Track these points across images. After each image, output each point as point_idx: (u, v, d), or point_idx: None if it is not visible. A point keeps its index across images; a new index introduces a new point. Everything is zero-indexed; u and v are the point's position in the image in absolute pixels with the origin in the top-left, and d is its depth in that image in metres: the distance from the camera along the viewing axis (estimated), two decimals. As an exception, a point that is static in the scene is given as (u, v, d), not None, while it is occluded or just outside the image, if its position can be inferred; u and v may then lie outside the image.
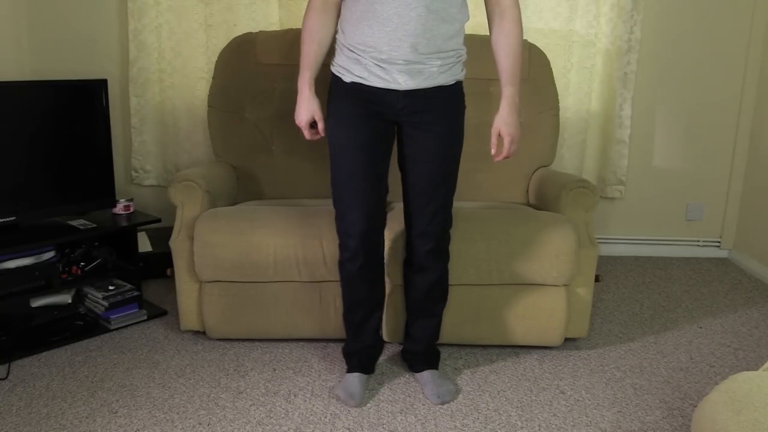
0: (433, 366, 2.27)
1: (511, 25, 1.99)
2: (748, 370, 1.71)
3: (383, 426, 2.02)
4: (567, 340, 2.55)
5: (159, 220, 2.83)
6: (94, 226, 2.66)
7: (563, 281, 2.34)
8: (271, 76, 2.80)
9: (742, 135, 3.49)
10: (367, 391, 2.20)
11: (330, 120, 2.03)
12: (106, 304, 2.62)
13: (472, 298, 2.38)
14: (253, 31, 2.93)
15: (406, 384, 2.26)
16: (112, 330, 2.62)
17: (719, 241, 3.65)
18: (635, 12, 3.24)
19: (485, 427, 2.03)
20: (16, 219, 2.51)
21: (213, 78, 2.82)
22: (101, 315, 2.65)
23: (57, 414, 2.05)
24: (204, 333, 2.58)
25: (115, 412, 2.07)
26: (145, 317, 2.71)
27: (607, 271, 3.41)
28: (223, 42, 3.14)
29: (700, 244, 3.66)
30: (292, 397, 2.17)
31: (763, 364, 2.02)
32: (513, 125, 2.01)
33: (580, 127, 3.38)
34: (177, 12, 3.16)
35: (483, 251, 2.31)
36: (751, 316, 2.89)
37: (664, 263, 3.55)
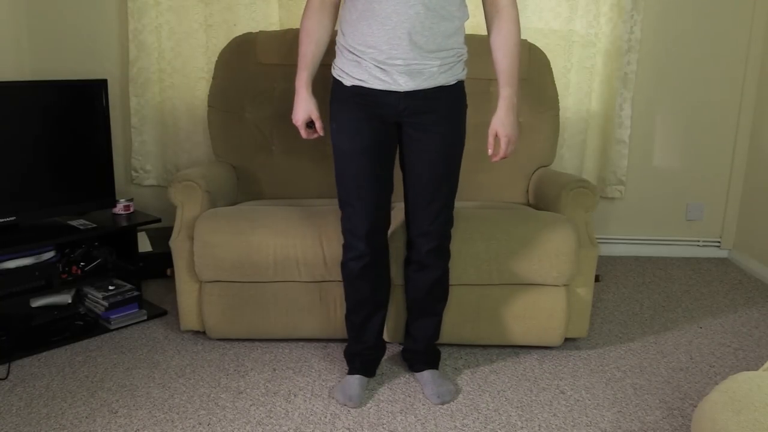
0: (434, 366, 2.27)
1: (509, 25, 1.98)
2: (748, 370, 1.71)
3: (383, 426, 2.02)
4: (567, 340, 2.55)
5: (159, 220, 2.84)
6: (94, 226, 2.66)
7: (563, 281, 2.34)
8: (271, 76, 2.80)
9: (742, 135, 3.49)
10: (366, 391, 2.20)
11: (332, 124, 2.03)
12: (106, 304, 2.62)
13: (472, 298, 2.38)
14: (253, 31, 2.93)
15: (406, 384, 2.26)
16: (112, 330, 2.62)
17: (719, 241, 3.65)
18: (635, 12, 3.24)
19: (485, 427, 2.03)
20: (16, 219, 2.51)
21: (213, 78, 2.82)
22: (101, 315, 2.65)
23: (57, 414, 2.05)
24: (204, 333, 2.58)
25: (115, 412, 2.07)
26: (145, 317, 2.71)
27: (607, 271, 3.41)
28: (223, 42, 3.14)
29: (700, 244, 3.66)
30: (292, 397, 2.17)
31: (763, 364, 2.02)
32: (510, 126, 2.01)
33: (580, 127, 3.38)
34: (177, 12, 3.16)
35: (483, 251, 2.31)
36: (751, 316, 2.89)
37: (664, 263, 3.55)
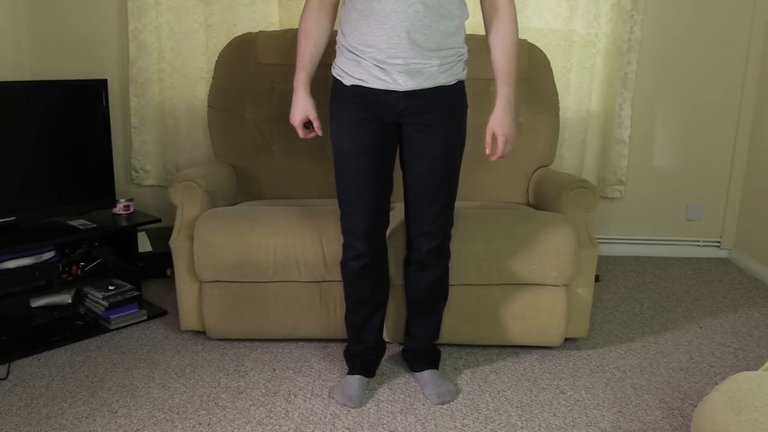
0: (434, 366, 2.27)
1: (507, 25, 1.98)
2: (748, 370, 1.71)
3: (383, 426, 2.02)
4: (567, 340, 2.55)
5: (159, 220, 2.84)
6: (94, 226, 2.66)
7: (563, 281, 2.34)
8: (271, 76, 2.80)
9: (742, 135, 3.49)
10: (366, 392, 2.20)
11: (332, 123, 2.02)
12: (106, 304, 2.62)
13: (472, 298, 2.38)
14: (253, 31, 2.93)
15: (406, 384, 2.26)
16: (112, 330, 2.62)
17: (719, 241, 3.65)
18: (635, 12, 3.24)
19: (485, 427, 2.03)
20: (16, 219, 2.51)
21: (213, 78, 2.82)
22: (101, 315, 2.65)
23: (57, 414, 2.05)
24: (204, 333, 2.58)
25: (115, 412, 2.07)
26: (145, 317, 2.71)
27: (607, 271, 3.41)
28: (223, 42, 3.14)
29: (700, 244, 3.66)
30: (292, 397, 2.17)
31: (763, 364, 2.02)
32: (508, 125, 2.01)
33: (580, 127, 3.38)
34: (177, 12, 3.16)
35: (483, 251, 2.31)
36: (751, 316, 2.89)
37: (664, 263, 3.55)
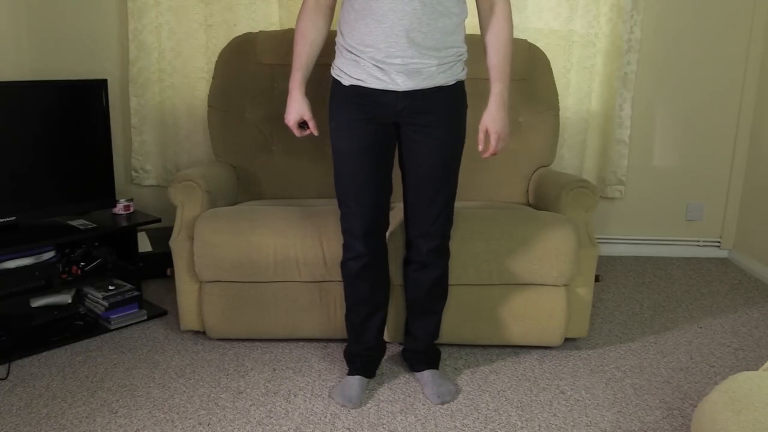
0: (434, 366, 2.27)
1: (501, 22, 1.98)
2: (748, 370, 1.71)
3: (383, 426, 2.02)
4: (567, 340, 2.55)
5: (159, 220, 2.84)
6: (94, 226, 2.66)
7: (563, 281, 2.34)
8: (271, 76, 2.80)
9: (742, 135, 3.49)
10: (366, 392, 2.20)
11: (331, 123, 2.02)
12: (106, 304, 2.62)
13: (471, 298, 2.38)
14: (253, 31, 2.93)
15: (406, 384, 2.26)
16: (112, 330, 2.62)
17: (719, 241, 3.65)
18: (635, 12, 3.24)
19: (485, 427, 2.03)
20: (16, 219, 2.51)
21: (213, 78, 2.82)
22: (101, 315, 2.65)
23: (57, 414, 2.05)
24: (204, 333, 2.58)
25: (115, 412, 2.07)
26: (145, 317, 2.71)
27: (607, 271, 3.41)
28: (223, 42, 3.14)
29: (700, 244, 3.66)
30: (292, 397, 2.17)
31: (763, 364, 2.02)
32: (501, 122, 2.01)
33: (580, 127, 3.38)
34: (177, 12, 3.16)
35: (483, 251, 2.31)
36: (751, 316, 2.89)
37: (664, 263, 3.55)
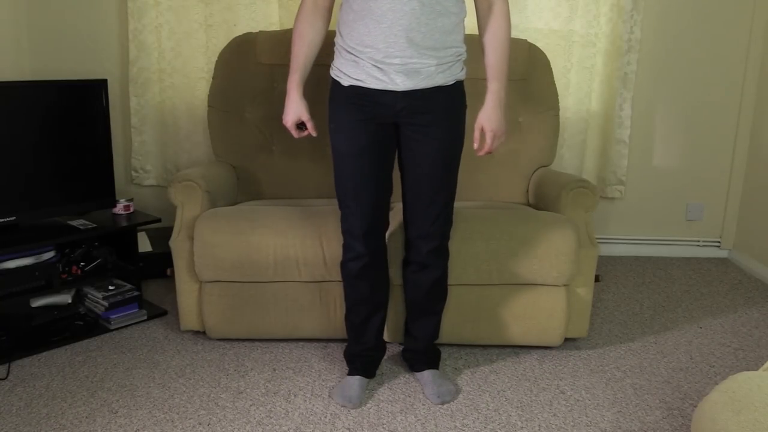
0: (434, 366, 2.27)
1: (499, 20, 1.98)
2: (748, 370, 1.70)
3: (383, 426, 2.02)
4: (567, 340, 2.55)
5: (159, 220, 2.84)
6: (94, 226, 2.66)
7: (563, 281, 2.34)
8: (271, 76, 2.80)
9: (742, 135, 3.49)
10: (366, 392, 2.20)
11: (331, 124, 2.02)
12: (106, 304, 2.62)
13: (471, 298, 2.38)
14: (253, 31, 2.93)
15: (406, 384, 2.26)
16: (112, 330, 2.62)
17: (719, 241, 3.65)
18: (635, 12, 3.24)
19: (485, 427, 2.03)
20: (16, 219, 2.51)
21: (213, 78, 2.82)
22: (101, 315, 2.65)
23: (57, 414, 2.05)
24: (204, 333, 2.58)
25: (115, 412, 2.07)
26: (145, 317, 2.71)
27: (607, 271, 3.41)
28: (223, 42, 3.14)
29: (700, 244, 3.66)
30: (292, 397, 2.17)
31: (763, 364, 2.02)
32: (497, 120, 2.01)
33: (580, 127, 3.38)
34: (177, 12, 3.16)
35: (483, 251, 2.31)
36: (751, 316, 2.89)
37: (664, 263, 3.55)
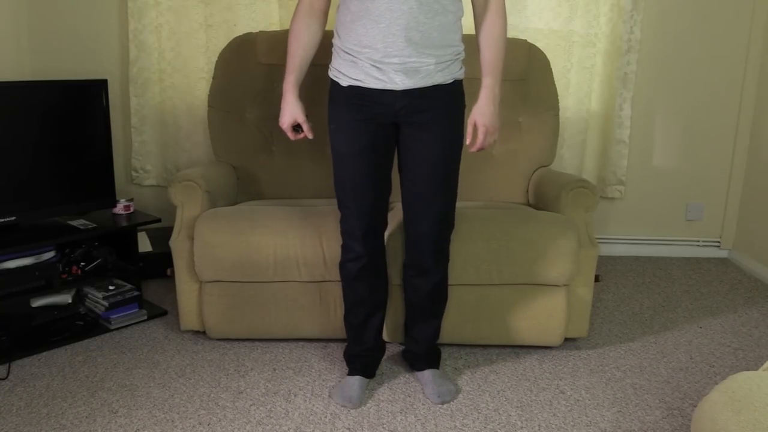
0: (434, 365, 2.27)
1: (495, 17, 1.98)
2: (748, 370, 1.71)
3: (383, 426, 2.02)
4: (567, 340, 2.55)
5: (159, 220, 2.84)
6: (94, 226, 2.66)
7: (563, 281, 2.34)
8: (271, 76, 2.80)
9: (742, 135, 3.49)
10: (366, 391, 2.20)
11: (330, 125, 2.02)
12: (106, 304, 2.62)
13: (472, 298, 2.38)
14: (253, 31, 2.93)
15: (406, 384, 2.26)
16: (112, 330, 2.62)
17: (719, 241, 3.65)
18: (635, 12, 3.24)
19: (485, 427, 2.03)
20: (16, 219, 2.51)
21: (213, 78, 2.82)
22: (101, 315, 2.65)
23: (57, 414, 2.05)
24: (204, 333, 2.58)
25: (115, 412, 2.07)
26: (145, 317, 2.71)
27: (607, 271, 3.41)
28: (223, 42, 3.14)
29: (700, 244, 3.66)
30: (292, 397, 2.17)
31: (763, 364, 2.02)
32: (490, 116, 2.00)
33: (580, 127, 3.38)
34: (177, 12, 3.16)
35: (483, 251, 2.31)
36: (751, 316, 2.89)
37: (664, 263, 3.55)
